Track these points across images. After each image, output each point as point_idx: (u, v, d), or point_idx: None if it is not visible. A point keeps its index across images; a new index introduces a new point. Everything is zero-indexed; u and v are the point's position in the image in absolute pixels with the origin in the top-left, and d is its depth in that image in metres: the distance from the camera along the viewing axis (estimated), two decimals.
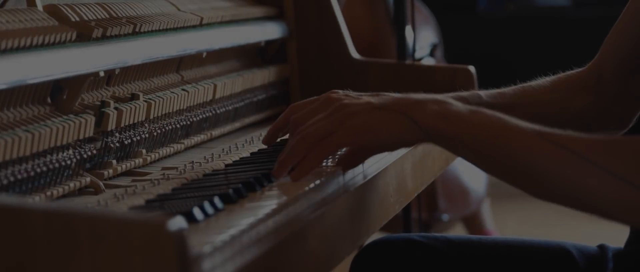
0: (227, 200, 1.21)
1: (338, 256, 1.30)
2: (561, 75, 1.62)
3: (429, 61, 3.50)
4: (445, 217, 3.51)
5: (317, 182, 1.32)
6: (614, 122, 1.58)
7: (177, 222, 0.89)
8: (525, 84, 1.61)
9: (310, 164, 1.30)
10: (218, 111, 1.83)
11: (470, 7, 5.32)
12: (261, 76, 2.02)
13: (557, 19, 5.21)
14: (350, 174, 1.41)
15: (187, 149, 1.73)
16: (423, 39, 3.66)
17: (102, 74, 1.47)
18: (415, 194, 1.67)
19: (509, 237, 1.61)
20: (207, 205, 1.16)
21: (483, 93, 1.56)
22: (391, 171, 1.53)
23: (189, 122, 1.72)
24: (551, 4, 5.36)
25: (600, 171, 1.16)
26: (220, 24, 1.89)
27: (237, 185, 1.26)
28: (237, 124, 1.93)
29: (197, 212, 1.13)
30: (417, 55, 3.47)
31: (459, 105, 1.26)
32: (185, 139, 1.73)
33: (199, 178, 1.40)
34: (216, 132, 1.84)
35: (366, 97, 1.31)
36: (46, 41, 1.37)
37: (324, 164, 1.45)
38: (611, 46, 1.56)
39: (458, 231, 3.94)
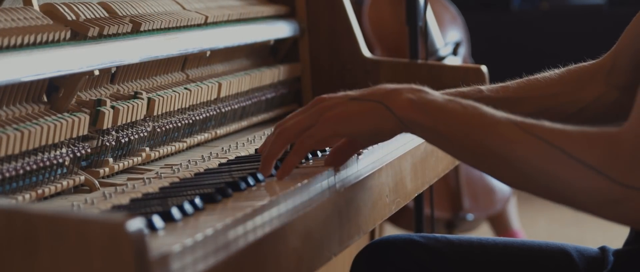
0: (209, 200, 1.21)
1: (324, 256, 1.29)
2: (571, 67, 1.60)
3: (452, 60, 3.48)
4: (469, 216, 3.49)
5: (305, 181, 1.31)
6: (625, 115, 1.56)
7: (136, 223, 0.89)
8: (531, 77, 1.59)
9: (291, 160, 1.31)
10: (223, 110, 1.83)
11: (503, 5, 5.28)
12: (270, 75, 2.02)
13: (591, 16, 5.16)
14: (340, 174, 1.40)
15: (190, 147, 1.73)
16: (448, 38, 3.64)
17: (96, 72, 1.47)
18: (416, 194, 1.66)
19: (510, 238, 1.60)
20: (186, 205, 1.16)
21: (484, 87, 1.55)
22: (387, 171, 1.52)
23: (191, 121, 1.73)
24: (586, 2, 5.31)
25: (575, 163, 1.15)
26: (227, 22, 1.89)
27: (221, 185, 1.25)
28: (244, 123, 1.93)
29: (175, 211, 1.13)
30: (442, 53, 3.46)
31: (436, 94, 1.26)
32: (189, 137, 1.73)
33: (190, 177, 1.41)
34: (221, 130, 1.84)
35: (343, 92, 1.31)
36: (40, 40, 1.38)
37: (314, 163, 1.45)
38: (627, 38, 1.54)
39: (483, 231, 3.92)
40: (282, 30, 2.07)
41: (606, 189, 1.14)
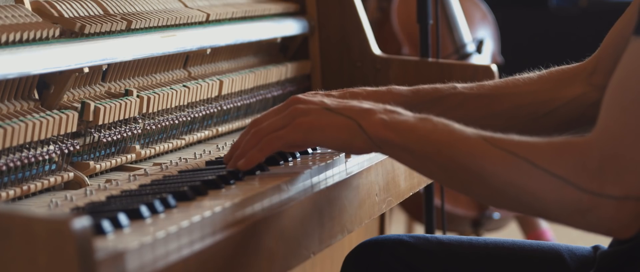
0: (182, 198, 1.22)
1: (301, 255, 1.29)
2: (553, 68, 1.60)
3: (477, 57, 3.46)
4: (496, 215, 3.47)
5: (285, 180, 1.31)
6: None
7: (81, 222, 0.90)
8: (510, 77, 1.59)
9: (256, 156, 1.33)
10: (225, 107, 1.83)
11: (541, 3, 5.24)
12: (277, 72, 2.02)
13: None
14: (325, 174, 1.40)
15: (189, 144, 1.74)
16: (477, 36, 3.62)
17: (86, 70, 1.48)
18: (410, 193, 1.66)
19: (501, 238, 1.59)
20: (157, 203, 1.16)
21: (460, 85, 1.55)
22: (377, 169, 1.52)
23: (190, 118, 1.73)
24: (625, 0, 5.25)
25: (543, 173, 1.15)
26: (231, 20, 1.90)
27: (196, 183, 1.26)
28: (248, 120, 1.93)
29: (144, 209, 1.14)
30: (469, 49, 3.44)
31: (408, 114, 1.26)
32: (188, 134, 1.74)
33: (174, 175, 1.41)
34: (223, 128, 1.84)
35: (321, 97, 1.32)
36: (26, 37, 1.39)
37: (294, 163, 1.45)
38: (612, 39, 1.53)
39: (511, 230, 3.89)
40: (288, 28, 2.07)
41: (575, 198, 1.13)
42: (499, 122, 1.53)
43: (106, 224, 1.07)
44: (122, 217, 1.10)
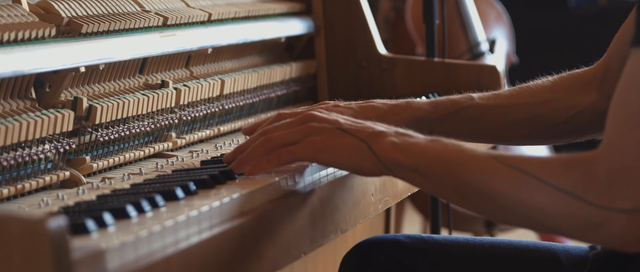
0: (170, 197, 1.22)
1: (291, 255, 1.29)
2: (564, 74, 1.60)
3: (489, 57, 3.45)
4: None
5: (276, 180, 1.31)
6: None
7: (56, 222, 0.90)
8: (523, 84, 1.59)
9: (263, 166, 1.32)
10: (226, 106, 1.84)
11: (560, 3, 5.21)
12: (281, 72, 2.02)
13: None
14: (319, 174, 1.40)
15: (189, 144, 1.74)
16: (492, 35, 3.61)
17: (82, 69, 1.49)
18: (408, 194, 1.65)
19: (498, 238, 1.59)
20: (144, 202, 1.16)
21: (476, 95, 1.55)
22: None
23: (190, 117, 1.73)
24: None
25: (552, 189, 1.15)
26: (234, 20, 1.90)
27: (186, 182, 1.26)
28: (251, 120, 1.93)
29: (130, 209, 1.14)
30: (482, 48, 3.42)
31: (419, 137, 1.26)
32: (188, 134, 1.74)
33: (168, 174, 1.41)
34: (225, 127, 1.84)
35: (336, 115, 1.31)
36: (22, 37, 1.40)
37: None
38: (618, 44, 1.53)
39: (524, 230, 3.87)
40: (292, 27, 2.07)
41: (585, 213, 1.13)
42: (517, 131, 1.54)
43: (90, 224, 1.07)
44: (107, 217, 1.10)
